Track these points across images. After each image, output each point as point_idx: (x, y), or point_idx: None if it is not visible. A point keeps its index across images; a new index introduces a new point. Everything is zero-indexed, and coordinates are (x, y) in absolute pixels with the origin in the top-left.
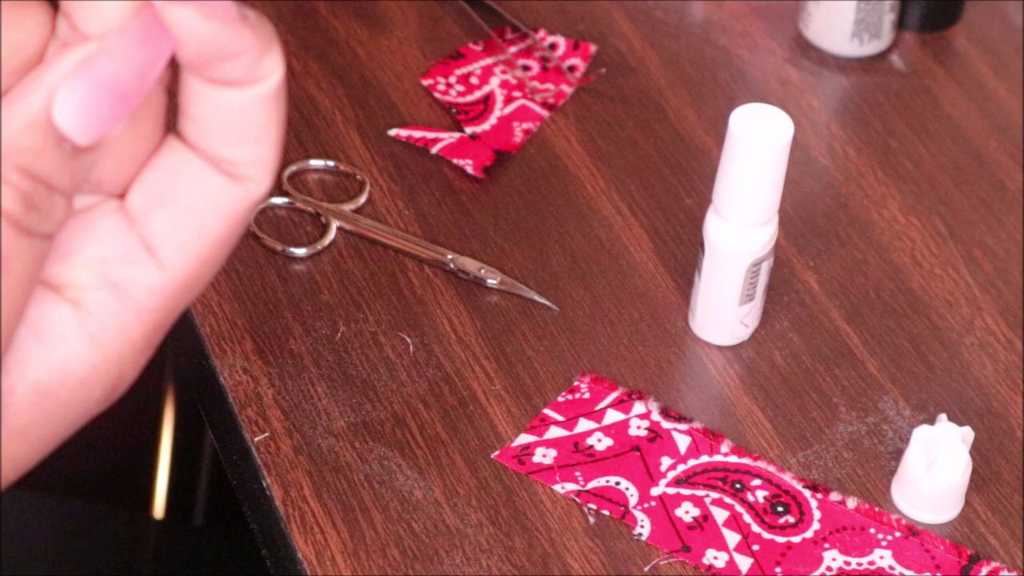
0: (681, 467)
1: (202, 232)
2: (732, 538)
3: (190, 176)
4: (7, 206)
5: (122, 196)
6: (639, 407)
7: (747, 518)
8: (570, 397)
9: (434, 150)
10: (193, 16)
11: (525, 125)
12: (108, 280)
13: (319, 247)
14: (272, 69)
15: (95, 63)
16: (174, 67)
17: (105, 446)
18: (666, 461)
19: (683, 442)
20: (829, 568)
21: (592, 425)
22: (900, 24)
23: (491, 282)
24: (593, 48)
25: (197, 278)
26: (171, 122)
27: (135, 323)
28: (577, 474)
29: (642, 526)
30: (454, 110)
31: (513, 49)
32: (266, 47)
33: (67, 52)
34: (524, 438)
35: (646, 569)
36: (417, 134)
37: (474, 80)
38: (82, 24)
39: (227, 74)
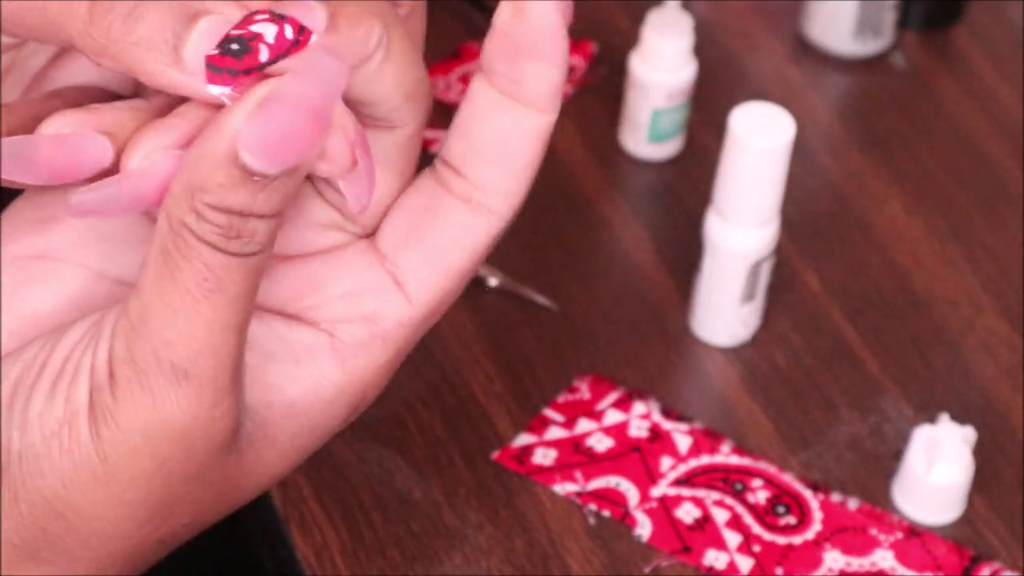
0: (682, 467)
1: (447, 266)
2: (733, 539)
3: (437, 214)
4: (210, 238)
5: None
6: (639, 407)
7: (748, 519)
8: (570, 397)
9: (434, 150)
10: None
11: None
12: (360, 313)
13: None
14: (556, 110)
15: (271, 105)
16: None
17: None
18: (666, 461)
19: (684, 442)
20: (830, 569)
21: (592, 425)
22: (902, 23)
23: (491, 282)
24: (593, 48)
25: (439, 308)
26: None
27: (381, 351)
28: (577, 474)
29: (642, 527)
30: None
31: None
32: (559, 87)
33: (247, 95)
34: (524, 438)
35: (647, 570)
36: None
37: None
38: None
39: (530, 87)
